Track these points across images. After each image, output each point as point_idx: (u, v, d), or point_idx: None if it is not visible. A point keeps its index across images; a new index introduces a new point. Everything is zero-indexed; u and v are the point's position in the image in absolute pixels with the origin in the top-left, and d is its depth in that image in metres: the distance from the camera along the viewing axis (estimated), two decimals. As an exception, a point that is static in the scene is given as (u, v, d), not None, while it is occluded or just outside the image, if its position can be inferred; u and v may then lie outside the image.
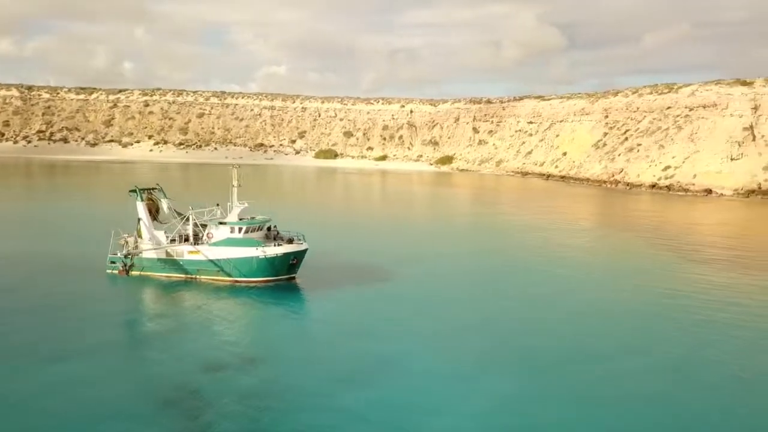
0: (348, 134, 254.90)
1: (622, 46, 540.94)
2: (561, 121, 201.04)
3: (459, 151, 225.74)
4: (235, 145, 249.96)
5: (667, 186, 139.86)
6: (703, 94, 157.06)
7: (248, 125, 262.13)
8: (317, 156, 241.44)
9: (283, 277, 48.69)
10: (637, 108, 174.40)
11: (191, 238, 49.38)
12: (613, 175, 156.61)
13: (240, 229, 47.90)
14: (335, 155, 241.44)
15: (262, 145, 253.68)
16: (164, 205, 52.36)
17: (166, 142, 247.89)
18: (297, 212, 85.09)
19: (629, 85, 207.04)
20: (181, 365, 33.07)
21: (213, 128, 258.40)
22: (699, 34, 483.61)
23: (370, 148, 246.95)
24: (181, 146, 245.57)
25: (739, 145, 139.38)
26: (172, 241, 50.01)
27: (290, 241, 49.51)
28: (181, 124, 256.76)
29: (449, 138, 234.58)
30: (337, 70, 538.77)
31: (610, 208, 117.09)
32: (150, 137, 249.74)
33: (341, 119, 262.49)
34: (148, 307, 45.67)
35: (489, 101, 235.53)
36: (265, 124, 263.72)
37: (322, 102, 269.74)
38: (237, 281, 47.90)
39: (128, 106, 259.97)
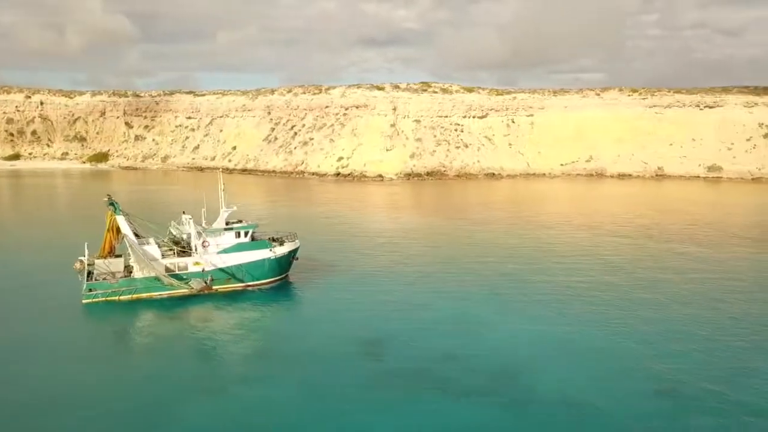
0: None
1: (197, 42, 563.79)
2: (222, 117, 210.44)
3: (114, 148, 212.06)
4: None
5: (348, 174, 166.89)
6: (352, 96, 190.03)
7: None
8: None
9: (284, 275, 50.92)
10: (297, 106, 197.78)
11: (194, 249, 47.36)
12: (297, 167, 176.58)
13: (246, 233, 48.31)
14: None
15: None
16: (121, 222, 47.09)
17: None
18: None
19: (205, 80, 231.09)
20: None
21: None
22: (266, 37, 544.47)
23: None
24: None
25: (390, 139, 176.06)
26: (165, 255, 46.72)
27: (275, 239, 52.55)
28: None
29: (98, 134, 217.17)
30: None
31: (314, 193, 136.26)
32: None
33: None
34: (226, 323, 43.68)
35: (137, 95, 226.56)
36: None
37: None
38: (249, 285, 48.09)
39: None
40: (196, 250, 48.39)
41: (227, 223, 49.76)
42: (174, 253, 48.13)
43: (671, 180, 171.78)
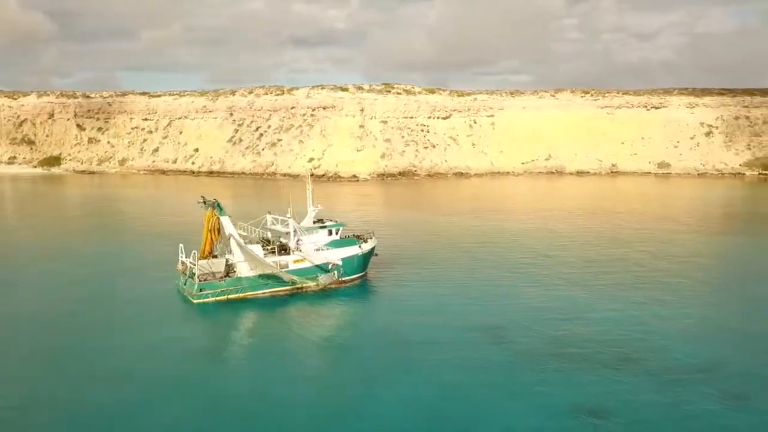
0: None
1: (119, 41, 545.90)
2: (181, 118, 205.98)
3: (66, 151, 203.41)
4: None
5: (322, 174, 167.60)
6: (317, 97, 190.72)
7: None
8: None
9: (366, 272, 52.43)
10: (261, 107, 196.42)
11: (290, 248, 48.27)
12: (267, 168, 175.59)
13: (337, 231, 49.67)
14: None
15: None
16: (226, 223, 47.34)
17: None
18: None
19: (127, 80, 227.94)
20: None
21: None
22: (191, 36, 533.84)
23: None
24: None
25: (360, 140, 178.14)
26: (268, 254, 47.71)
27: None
28: None
29: (47, 136, 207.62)
30: None
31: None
32: None
33: None
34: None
35: (87, 96, 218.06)
36: None
37: None
38: (343, 281, 49.05)
39: None
40: (295, 248, 49.63)
41: (315, 221, 51.07)
42: (275, 251, 48.84)
43: (625, 176, 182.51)
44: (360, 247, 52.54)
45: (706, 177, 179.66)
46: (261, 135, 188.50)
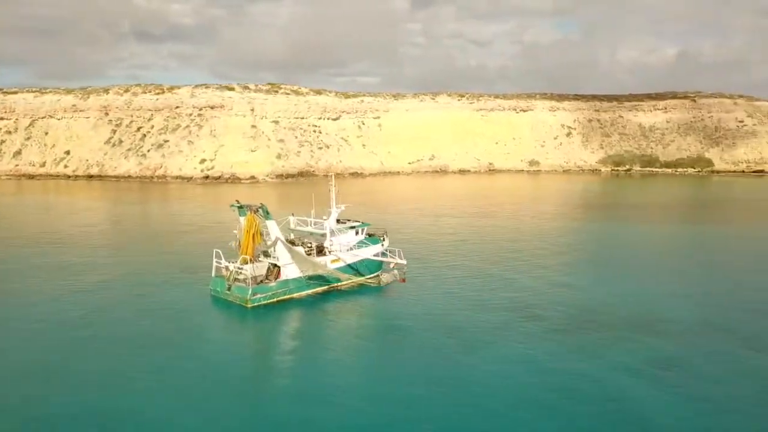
0: None
1: None
2: (45, 117, 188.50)
3: None
4: None
5: (218, 176, 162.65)
6: (203, 97, 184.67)
7: None
8: None
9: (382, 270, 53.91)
10: (141, 106, 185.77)
11: (326, 249, 48.90)
12: (156, 171, 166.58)
13: (362, 231, 50.61)
14: None
15: None
16: (272, 227, 46.81)
17: None
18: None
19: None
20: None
21: None
22: (15, 25, 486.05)
23: None
24: None
25: (253, 140, 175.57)
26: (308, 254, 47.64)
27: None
28: None
29: None
30: None
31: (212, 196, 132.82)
32: None
33: None
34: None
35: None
36: None
37: None
38: (368, 280, 49.79)
39: None
40: (329, 248, 49.77)
41: (339, 221, 51.57)
42: (312, 253, 48.84)
43: (501, 174, 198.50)
44: (382, 245, 53.88)
45: (570, 173, 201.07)
46: (144, 136, 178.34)
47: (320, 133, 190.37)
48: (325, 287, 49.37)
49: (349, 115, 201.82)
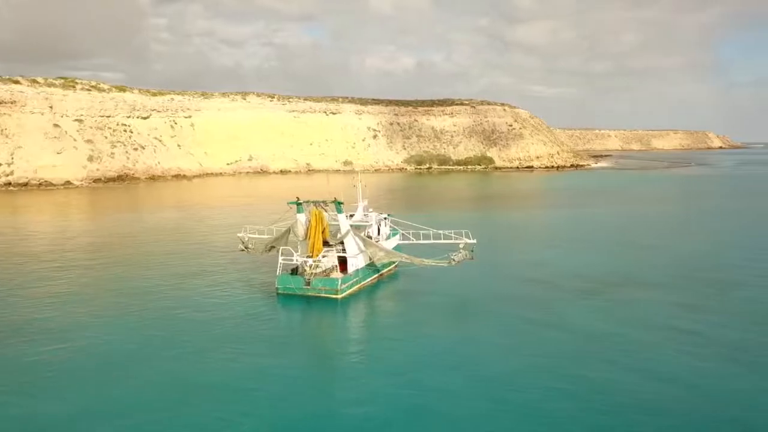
0: None
1: None
2: None
3: None
4: None
5: (25, 183, 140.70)
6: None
7: None
8: None
9: None
10: None
11: (374, 237, 51.62)
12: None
13: (388, 222, 53.87)
14: None
15: None
16: (342, 220, 48.29)
17: None
18: None
19: None
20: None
21: None
22: None
23: None
24: None
25: (58, 140, 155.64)
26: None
27: None
28: None
29: None
30: None
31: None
32: None
33: None
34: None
35: None
36: None
37: None
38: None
39: None
40: (376, 237, 52.30)
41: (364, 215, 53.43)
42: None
43: (319, 173, 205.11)
44: (400, 236, 56.60)
45: (381, 172, 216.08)
46: None
47: (131, 132, 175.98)
48: (385, 272, 52.85)
49: (159, 113, 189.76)
